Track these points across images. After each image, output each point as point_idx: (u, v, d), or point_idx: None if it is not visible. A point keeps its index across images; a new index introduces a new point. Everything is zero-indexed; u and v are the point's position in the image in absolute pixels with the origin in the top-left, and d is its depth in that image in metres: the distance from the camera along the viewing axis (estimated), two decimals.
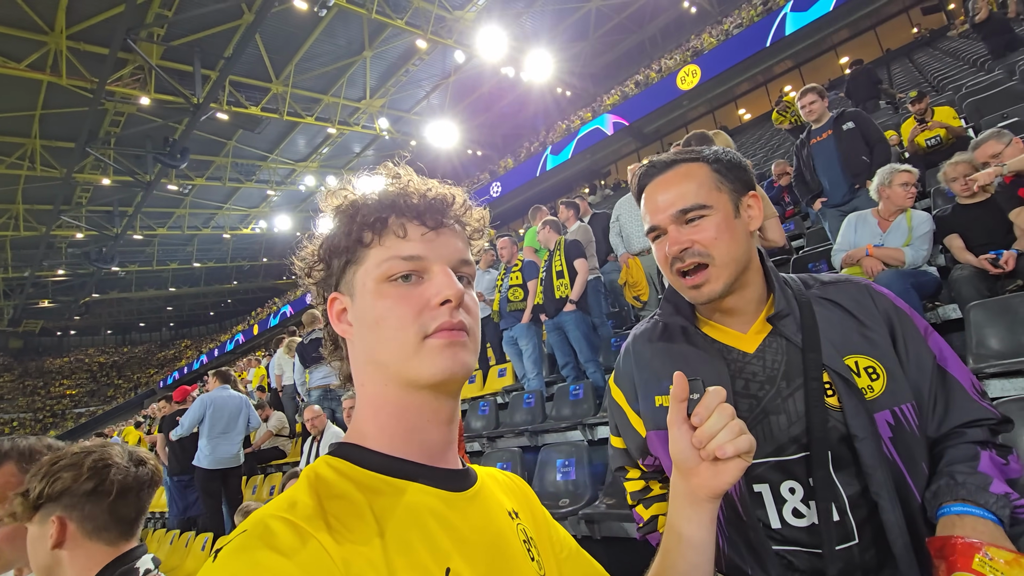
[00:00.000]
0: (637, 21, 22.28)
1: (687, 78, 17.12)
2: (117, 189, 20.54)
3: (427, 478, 0.54)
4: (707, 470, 0.59)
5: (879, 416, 0.79)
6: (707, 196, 0.86)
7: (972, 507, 0.70)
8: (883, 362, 0.81)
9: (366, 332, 0.55)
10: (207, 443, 4.70)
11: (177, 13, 13.70)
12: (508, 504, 0.62)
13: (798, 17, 14.87)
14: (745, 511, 0.82)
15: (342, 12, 15.63)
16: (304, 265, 0.61)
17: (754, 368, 0.86)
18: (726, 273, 0.84)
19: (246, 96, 18.44)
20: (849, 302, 0.86)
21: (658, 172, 0.90)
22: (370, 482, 0.52)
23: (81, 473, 0.98)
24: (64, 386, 37.89)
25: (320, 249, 0.59)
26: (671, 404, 0.62)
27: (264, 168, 24.89)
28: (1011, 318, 2.29)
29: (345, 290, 0.58)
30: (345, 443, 0.56)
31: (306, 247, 0.62)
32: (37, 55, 13.84)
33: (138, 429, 11.03)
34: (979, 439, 0.79)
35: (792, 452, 0.81)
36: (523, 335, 4.45)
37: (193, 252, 31.53)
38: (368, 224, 0.56)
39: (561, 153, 20.69)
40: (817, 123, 3.93)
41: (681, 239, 0.85)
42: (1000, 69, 6.53)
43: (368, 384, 0.57)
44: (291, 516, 0.44)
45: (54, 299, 31.47)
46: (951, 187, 3.09)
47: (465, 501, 0.56)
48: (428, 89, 22.66)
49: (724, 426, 0.57)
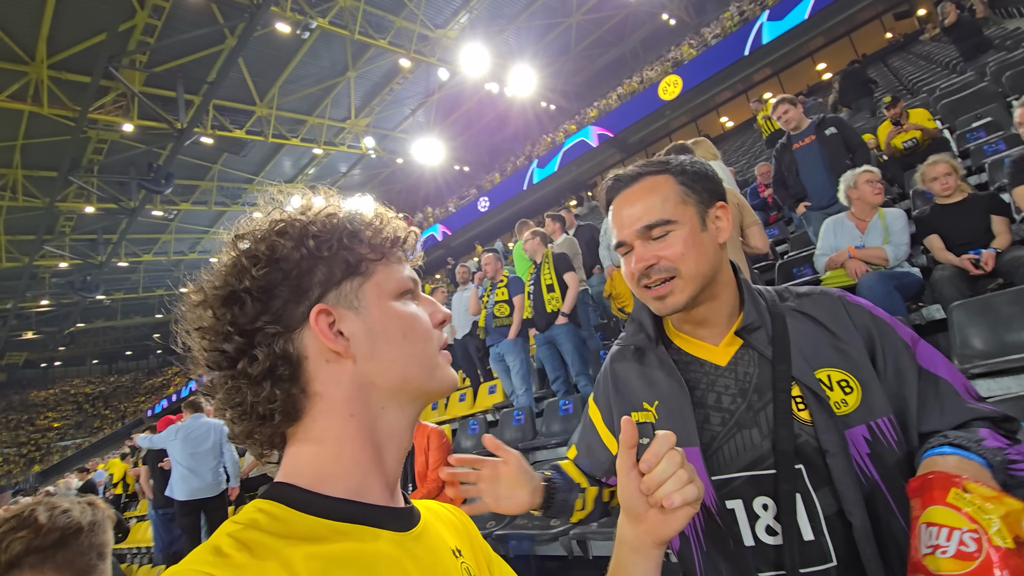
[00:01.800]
0: (617, 34, 22.61)
1: (668, 88, 17.36)
2: (101, 217, 20.32)
3: (378, 519, 0.51)
4: (655, 516, 0.58)
5: (855, 431, 0.76)
6: (672, 210, 0.84)
7: (959, 450, 0.67)
8: (857, 375, 0.79)
9: (385, 348, 0.52)
10: (180, 473, 4.57)
11: (159, 40, 13.69)
12: (452, 542, 0.59)
13: (774, 26, 15.18)
14: (725, 524, 0.79)
15: (325, 34, 15.71)
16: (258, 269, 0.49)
17: (726, 381, 0.84)
18: (691, 286, 0.83)
19: (230, 119, 18.40)
20: (823, 315, 0.85)
21: (624, 186, 0.89)
22: (309, 529, 0.46)
23: (39, 527, 0.92)
24: (49, 419, 37.11)
25: (292, 252, 0.50)
26: (620, 450, 0.61)
27: (250, 191, 24.78)
28: (993, 318, 2.29)
29: (339, 303, 0.52)
30: (283, 484, 0.50)
31: (237, 252, 0.52)
32: (18, 85, 13.74)
33: (124, 461, 10.77)
34: (981, 425, 0.75)
35: (766, 466, 0.78)
36: (510, 351, 4.41)
37: (180, 278, 31.01)
38: (373, 241, 0.55)
39: (547, 166, 20.83)
40: (796, 129, 3.99)
41: (647, 255, 0.84)
42: (972, 71, 6.67)
43: (359, 412, 0.52)
44: (213, 570, 0.40)
45: (38, 330, 30.93)
46: (930, 187, 3.11)
47: (412, 541, 0.53)
48: (413, 107, 22.76)
49: (672, 474, 0.56)
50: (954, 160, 3.11)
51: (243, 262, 0.50)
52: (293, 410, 0.51)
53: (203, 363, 0.51)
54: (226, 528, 0.45)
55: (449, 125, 24.90)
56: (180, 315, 0.53)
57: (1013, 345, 2.19)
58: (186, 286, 0.54)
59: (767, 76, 18.73)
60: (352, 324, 0.52)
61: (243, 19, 12.10)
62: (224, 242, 0.55)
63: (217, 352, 0.50)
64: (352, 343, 0.51)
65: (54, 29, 12.78)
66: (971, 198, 3.02)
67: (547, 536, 2.76)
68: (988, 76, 5.81)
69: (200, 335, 0.51)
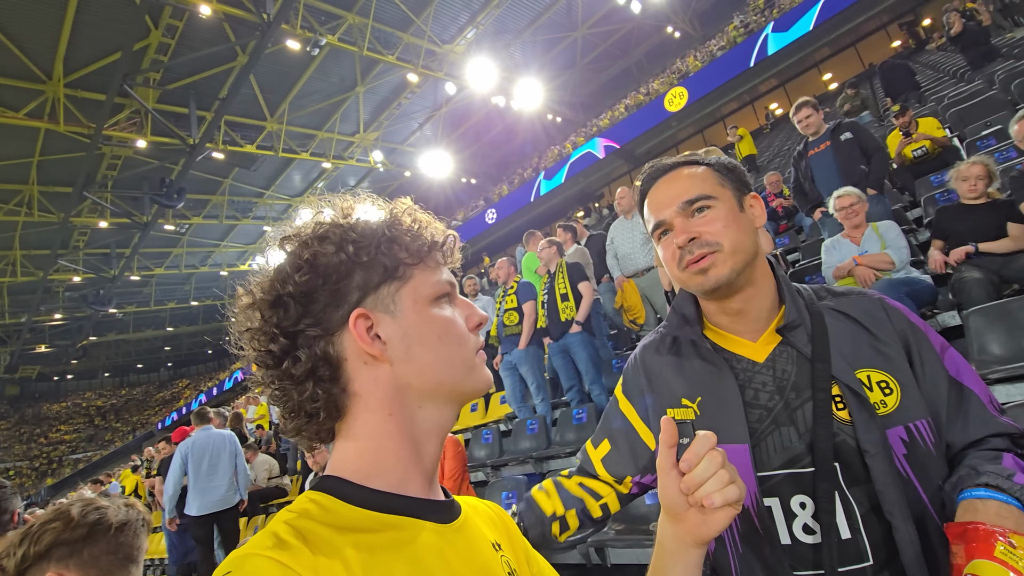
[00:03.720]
0: (622, 47, 22.79)
1: (675, 100, 17.44)
2: (114, 231, 20.60)
3: (420, 511, 0.53)
4: (695, 516, 0.58)
5: (892, 432, 0.76)
6: (712, 188, 0.86)
7: (996, 492, 0.66)
8: (897, 377, 0.79)
9: (420, 350, 0.54)
10: (193, 489, 4.50)
11: (172, 58, 13.98)
12: (491, 535, 0.61)
13: (779, 37, 15.24)
14: (762, 524, 0.79)
15: (334, 50, 15.97)
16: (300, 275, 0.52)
17: (764, 378, 0.84)
18: (732, 260, 0.82)
19: (241, 135, 18.67)
20: (862, 315, 0.85)
21: (661, 174, 0.91)
22: (356, 520, 0.49)
23: (70, 519, 0.94)
24: (62, 432, 37.32)
25: (331, 258, 0.53)
26: (660, 449, 0.61)
27: (260, 204, 25.05)
28: (1011, 322, 2.29)
29: (376, 307, 0.54)
30: (333, 478, 0.53)
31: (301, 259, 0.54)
32: (35, 103, 14.05)
33: (135, 473, 10.81)
34: (1001, 447, 0.77)
35: (804, 464, 0.78)
36: (523, 361, 4.41)
37: (191, 291, 31.47)
38: (410, 245, 0.56)
39: (554, 178, 20.92)
40: (814, 135, 3.98)
41: (689, 229, 0.84)
42: (980, 79, 6.67)
43: (398, 412, 0.54)
44: (274, 555, 0.42)
45: (51, 344, 31.23)
46: (958, 187, 3.12)
47: (454, 532, 0.55)
48: (421, 121, 22.99)
49: (713, 474, 0.56)
50: (993, 165, 3.10)
51: (287, 268, 0.54)
52: (336, 408, 0.54)
53: (254, 361, 0.55)
54: (282, 516, 0.48)
55: (457, 138, 25.12)
56: (234, 316, 0.57)
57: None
58: (238, 290, 0.57)
59: (773, 87, 18.78)
60: (389, 328, 0.54)
61: (254, 37, 12.33)
62: (272, 244, 0.58)
63: (265, 352, 0.53)
64: (389, 346, 0.53)
65: (71, 49, 13.10)
66: (994, 203, 3.02)
67: (564, 544, 2.76)
68: (996, 84, 5.82)
69: (250, 336, 0.54)
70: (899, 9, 15.30)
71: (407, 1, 15.70)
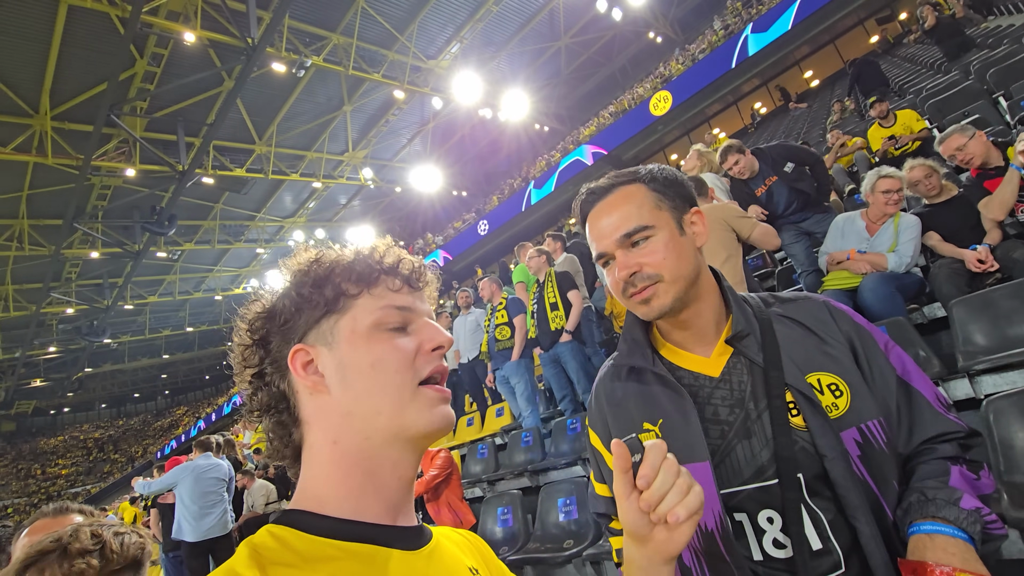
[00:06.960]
0: (605, 54, 23.03)
1: (659, 104, 17.59)
2: (106, 261, 20.55)
3: (383, 538, 0.52)
4: (661, 534, 0.57)
5: (846, 434, 0.76)
6: (649, 216, 0.85)
7: (943, 525, 0.67)
8: (846, 378, 0.79)
9: (354, 379, 0.55)
10: (191, 513, 4.52)
11: (159, 86, 14.02)
12: (468, 561, 0.61)
13: (759, 38, 15.44)
14: (727, 547, 0.76)
15: (320, 71, 16.06)
16: (256, 323, 0.59)
17: (722, 392, 0.82)
18: (675, 288, 0.82)
19: (230, 159, 18.71)
20: (809, 319, 0.84)
21: (597, 198, 0.89)
22: (317, 550, 0.49)
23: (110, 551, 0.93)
24: (59, 466, 36.88)
25: (283, 301, 0.58)
26: (615, 475, 0.59)
27: (252, 227, 25.05)
28: (994, 312, 2.28)
29: (316, 341, 0.56)
30: (292, 511, 0.53)
31: (248, 310, 0.60)
32: (23, 138, 14.05)
33: (133, 505, 10.66)
34: (949, 455, 0.76)
35: (768, 476, 0.77)
36: (514, 373, 4.40)
37: (185, 317, 31.32)
38: (358, 276, 0.58)
39: (544, 186, 21.00)
40: (752, 173, 3.80)
41: (629, 263, 0.84)
42: (956, 70, 6.74)
43: (343, 439, 0.54)
44: None
45: (46, 377, 30.96)
46: (915, 191, 3.13)
47: (424, 560, 0.54)
48: (409, 136, 23.10)
49: (672, 484, 0.55)
50: (930, 160, 3.11)
51: (254, 320, 0.60)
52: (290, 437, 0.58)
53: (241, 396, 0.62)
54: (240, 551, 0.48)
55: (445, 152, 25.23)
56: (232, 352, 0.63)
57: (1016, 339, 2.18)
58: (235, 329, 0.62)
59: (756, 86, 18.98)
60: (325, 359, 0.56)
61: (240, 61, 12.38)
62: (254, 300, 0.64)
63: (245, 387, 0.60)
64: (326, 377, 0.55)
65: (56, 81, 13.13)
66: (959, 196, 3.03)
67: (560, 559, 2.72)
68: (973, 74, 5.88)
69: (235, 374, 0.61)
70: (874, 5, 15.53)
71: (391, 19, 15.83)
